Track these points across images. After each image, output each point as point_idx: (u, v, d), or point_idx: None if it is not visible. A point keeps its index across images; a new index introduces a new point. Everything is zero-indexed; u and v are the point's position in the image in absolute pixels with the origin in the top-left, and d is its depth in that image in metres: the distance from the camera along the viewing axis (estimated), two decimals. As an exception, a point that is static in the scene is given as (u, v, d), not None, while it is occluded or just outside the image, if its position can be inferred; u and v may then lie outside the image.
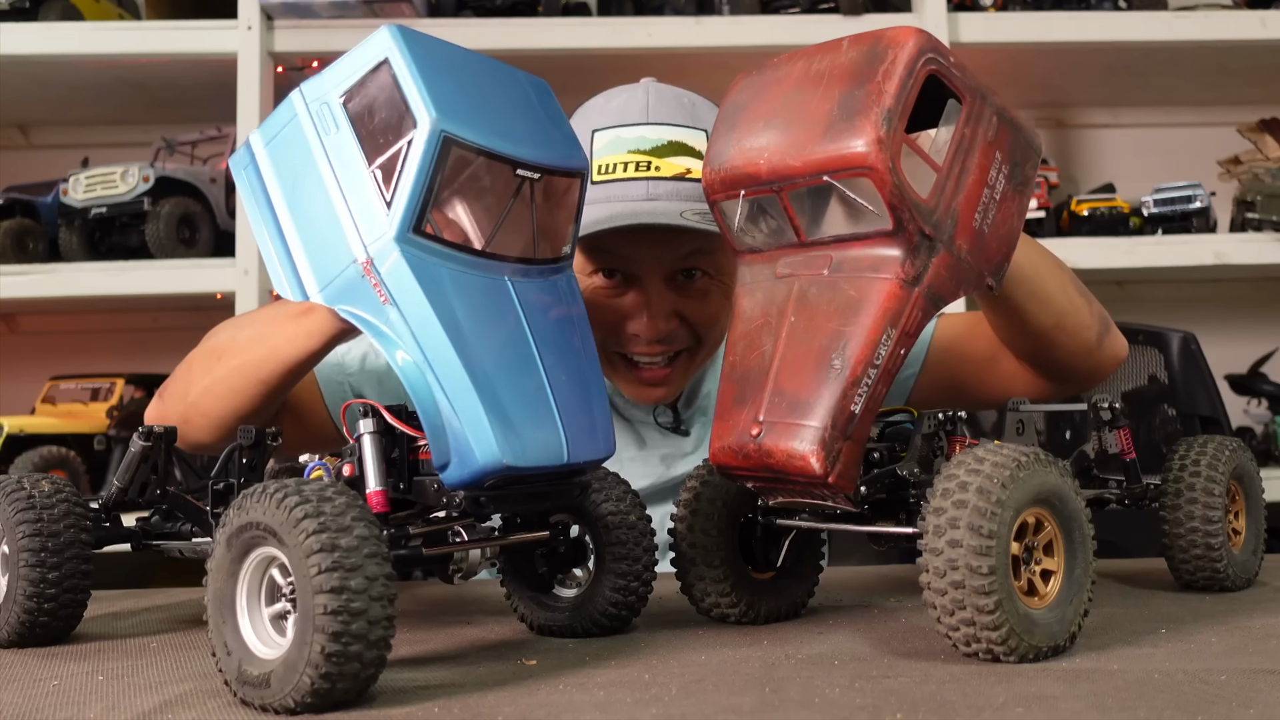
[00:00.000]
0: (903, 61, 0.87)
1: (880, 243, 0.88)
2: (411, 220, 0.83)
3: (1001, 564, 0.82)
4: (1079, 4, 2.81)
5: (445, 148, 0.84)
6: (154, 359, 3.00)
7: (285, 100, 0.91)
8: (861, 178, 0.85)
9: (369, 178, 0.85)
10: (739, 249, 0.97)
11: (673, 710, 0.74)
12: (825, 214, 0.91)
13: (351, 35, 2.57)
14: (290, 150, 0.90)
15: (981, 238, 0.92)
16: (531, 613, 1.03)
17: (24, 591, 0.99)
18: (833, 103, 0.88)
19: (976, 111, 0.92)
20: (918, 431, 0.96)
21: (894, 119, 0.85)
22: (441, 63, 0.87)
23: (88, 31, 2.66)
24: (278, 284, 0.92)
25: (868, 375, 0.87)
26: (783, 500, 0.96)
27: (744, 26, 2.70)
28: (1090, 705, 0.73)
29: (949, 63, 0.90)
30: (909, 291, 0.88)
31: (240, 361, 1.15)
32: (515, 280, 0.91)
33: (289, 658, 0.74)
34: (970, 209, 0.91)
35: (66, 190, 2.64)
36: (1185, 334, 1.93)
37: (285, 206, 0.91)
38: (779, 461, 0.88)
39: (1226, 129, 3.06)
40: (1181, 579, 1.15)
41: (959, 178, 0.90)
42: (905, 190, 0.85)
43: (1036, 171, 0.99)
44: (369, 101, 0.86)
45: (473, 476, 0.85)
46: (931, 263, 0.89)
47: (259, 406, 1.16)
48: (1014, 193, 0.94)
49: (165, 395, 1.27)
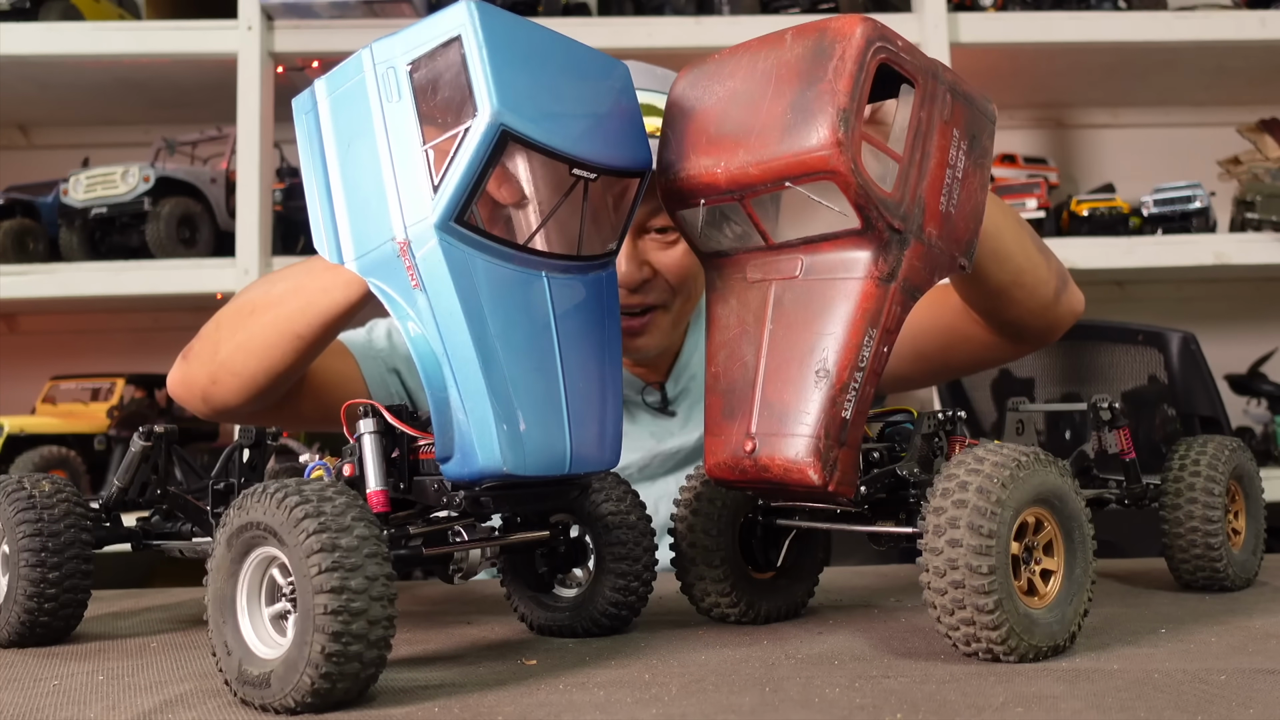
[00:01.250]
0: (852, 56, 0.84)
1: (850, 242, 0.87)
2: (455, 209, 0.81)
3: (1001, 564, 0.82)
4: (1079, 4, 2.80)
5: (502, 141, 0.81)
6: (154, 359, 2.99)
7: (354, 55, 0.88)
8: (825, 180, 0.84)
9: (421, 156, 0.82)
10: (704, 252, 0.96)
11: (673, 710, 0.74)
12: (791, 216, 0.90)
13: (352, 35, 2.57)
14: (351, 107, 0.88)
15: (950, 220, 0.91)
16: (531, 613, 1.04)
17: (24, 591, 0.99)
18: (785, 103, 0.85)
19: (930, 92, 0.89)
20: (918, 431, 0.96)
21: (851, 118, 0.83)
22: (515, 46, 0.84)
23: (88, 31, 2.66)
24: (317, 240, 0.90)
25: (854, 379, 0.86)
26: (785, 504, 0.96)
27: (744, 26, 2.70)
28: (1090, 705, 0.73)
29: (898, 47, 0.86)
30: (885, 289, 0.87)
31: (274, 315, 1.12)
32: (553, 276, 0.88)
33: (289, 657, 0.74)
34: (935, 194, 0.89)
35: (67, 190, 2.64)
36: (1185, 334, 1.92)
37: (337, 164, 0.88)
38: (777, 475, 0.87)
39: (1226, 129, 3.06)
40: (1181, 579, 1.16)
41: (920, 164, 0.88)
42: (870, 189, 0.84)
43: (993, 141, 0.97)
44: (435, 76, 0.83)
45: (472, 476, 0.84)
46: (904, 256, 0.87)
47: (293, 362, 1.13)
48: (974, 167, 0.92)
49: (191, 356, 1.24)
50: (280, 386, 1.21)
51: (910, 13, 2.73)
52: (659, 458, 1.55)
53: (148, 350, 3.07)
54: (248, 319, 1.16)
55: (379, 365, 1.47)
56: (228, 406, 1.22)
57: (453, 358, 0.83)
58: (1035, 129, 3.37)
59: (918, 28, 2.70)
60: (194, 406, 1.26)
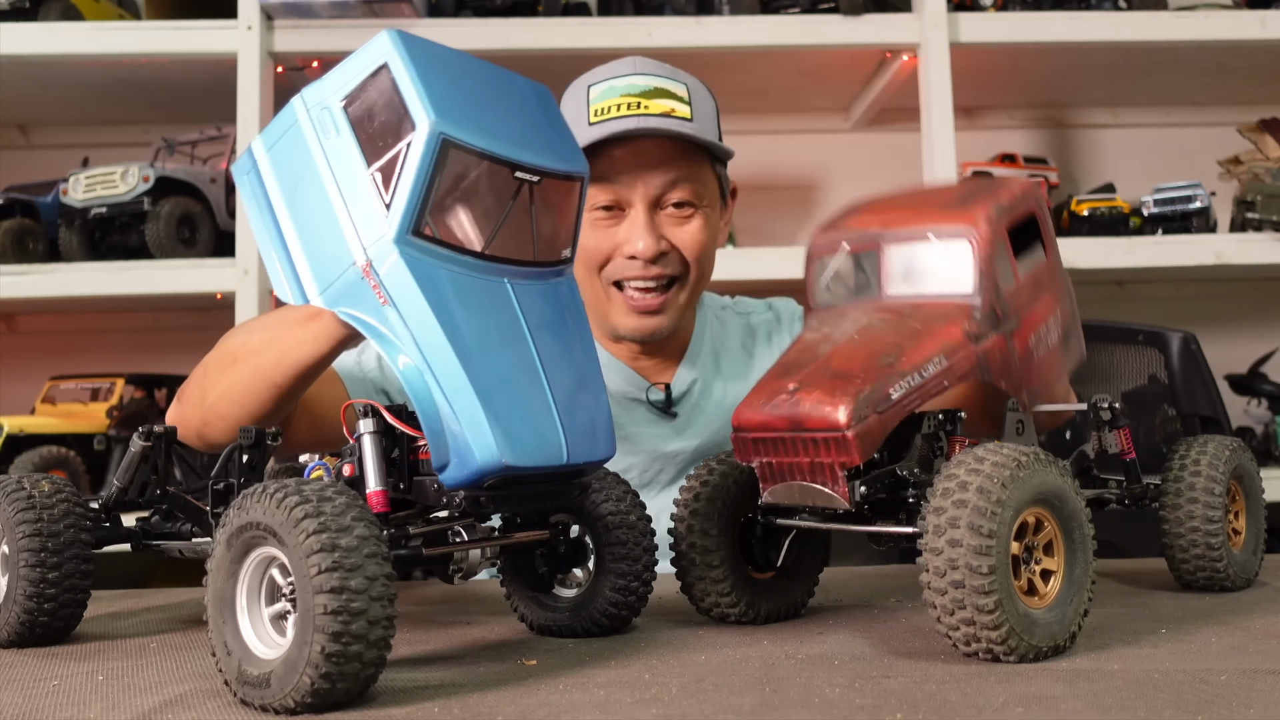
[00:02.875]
0: (1017, 189, 1.01)
1: (955, 304, 0.96)
2: (410, 222, 0.83)
3: (1001, 564, 0.82)
4: (1079, 4, 2.80)
5: (444, 149, 0.84)
6: (154, 359, 3.00)
7: (287, 106, 0.91)
8: (962, 240, 0.95)
9: (368, 180, 0.85)
10: (814, 305, 1.05)
11: (673, 710, 0.74)
12: (912, 275, 0.99)
13: (351, 35, 2.57)
14: (291, 155, 0.90)
15: (1030, 359, 1.00)
16: (531, 613, 1.03)
17: (24, 591, 0.99)
18: (951, 196, 1.01)
19: (1053, 266, 1.03)
20: (918, 431, 0.96)
21: (1004, 212, 0.97)
22: (441, 67, 0.88)
23: (88, 31, 2.66)
24: (279, 288, 0.92)
25: (913, 375, 0.91)
26: (780, 490, 0.95)
27: (744, 26, 2.70)
28: (1090, 705, 0.73)
29: (1047, 223, 1.03)
30: (968, 341, 0.94)
31: (253, 366, 1.18)
32: (515, 282, 0.91)
33: (289, 657, 0.74)
34: (1030, 328, 1.00)
35: (66, 190, 2.64)
36: (1185, 334, 1.93)
37: (286, 211, 0.91)
38: (804, 411, 0.90)
39: (1226, 129, 3.06)
40: (1181, 579, 1.15)
41: (1030, 301, 0.99)
42: (994, 264, 0.95)
43: (1075, 369, 1.11)
44: (369, 105, 0.86)
45: (472, 476, 0.85)
46: (992, 335, 0.96)
47: (272, 410, 1.19)
48: (1059, 356, 1.01)
49: (184, 399, 1.30)
50: (267, 425, 1.26)
51: (910, 13, 2.73)
52: (660, 460, 1.57)
53: (148, 350, 3.07)
54: (229, 368, 1.22)
55: (367, 388, 1.51)
56: (221, 444, 1.27)
57: (433, 364, 0.84)
58: (1035, 129, 3.37)
59: (918, 28, 2.69)
60: (191, 443, 1.33)
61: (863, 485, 0.91)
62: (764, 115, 3.20)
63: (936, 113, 2.68)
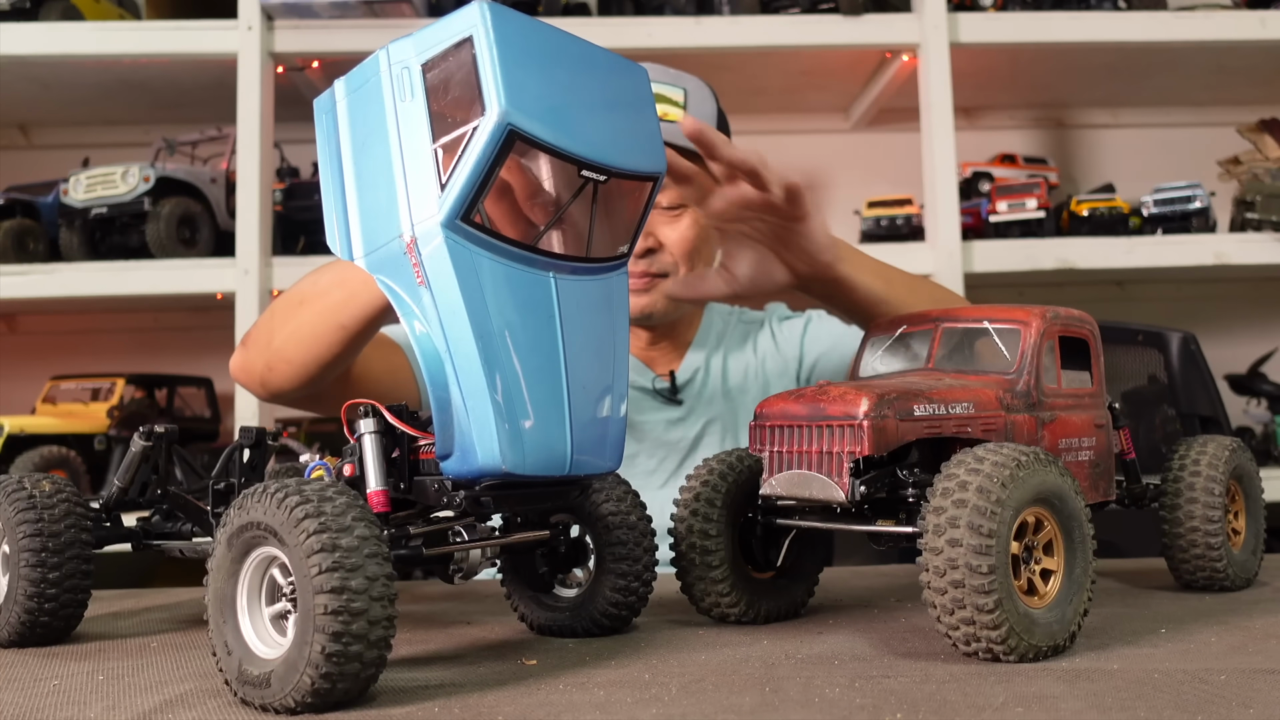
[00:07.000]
0: (1077, 310, 1.08)
1: (995, 377, 1.01)
2: (461, 208, 0.81)
3: (1001, 563, 0.82)
4: (1079, 4, 2.80)
5: (509, 141, 0.80)
6: (154, 359, 3.00)
7: (372, 55, 0.89)
8: (1016, 328, 1.03)
9: (430, 155, 0.82)
10: (864, 375, 1.12)
11: (673, 710, 0.74)
12: (961, 352, 1.07)
13: (352, 35, 2.57)
14: (367, 107, 0.88)
15: (1058, 456, 1.03)
16: (531, 613, 1.04)
17: (24, 591, 0.99)
18: (1011, 307, 1.07)
19: (1098, 396, 1.08)
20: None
21: (1060, 319, 1.04)
22: (527, 47, 0.84)
23: (88, 31, 2.66)
24: (330, 236, 0.90)
25: (940, 404, 0.95)
26: (781, 479, 0.96)
27: (744, 26, 2.70)
28: (1090, 705, 0.73)
29: (1101, 352, 1.10)
30: (1000, 407, 0.98)
31: (321, 306, 1.19)
32: (561, 278, 0.88)
33: (289, 657, 0.74)
34: (1063, 431, 1.03)
35: (67, 190, 2.64)
36: (1185, 334, 1.93)
37: (351, 163, 0.89)
38: (828, 402, 0.94)
39: (1226, 129, 3.06)
40: (1181, 579, 1.16)
41: (1067, 409, 1.04)
42: (1040, 357, 1.01)
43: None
44: (447, 76, 0.83)
45: (471, 474, 0.84)
46: (1025, 412, 1.00)
47: (339, 352, 1.20)
48: (1085, 475, 1.05)
49: (249, 343, 1.31)
50: (330, 373, 1.29)
51: (910, 13, 2.73)
52: (663, 447, 1.61)
53: (148, 350, 3.07)
54: (297, 309, 1.22)
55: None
56: (283, 390, 1.31)
57: (455, 355, 0.83)
58: (1035, 129, 3.37)
59: (918, 28, 2.70)
60: (253, 390, 1.35)
61: (862, 484, 0.91)
62: (764, 115, 3.20)
63: (936, 113, 2.69)
